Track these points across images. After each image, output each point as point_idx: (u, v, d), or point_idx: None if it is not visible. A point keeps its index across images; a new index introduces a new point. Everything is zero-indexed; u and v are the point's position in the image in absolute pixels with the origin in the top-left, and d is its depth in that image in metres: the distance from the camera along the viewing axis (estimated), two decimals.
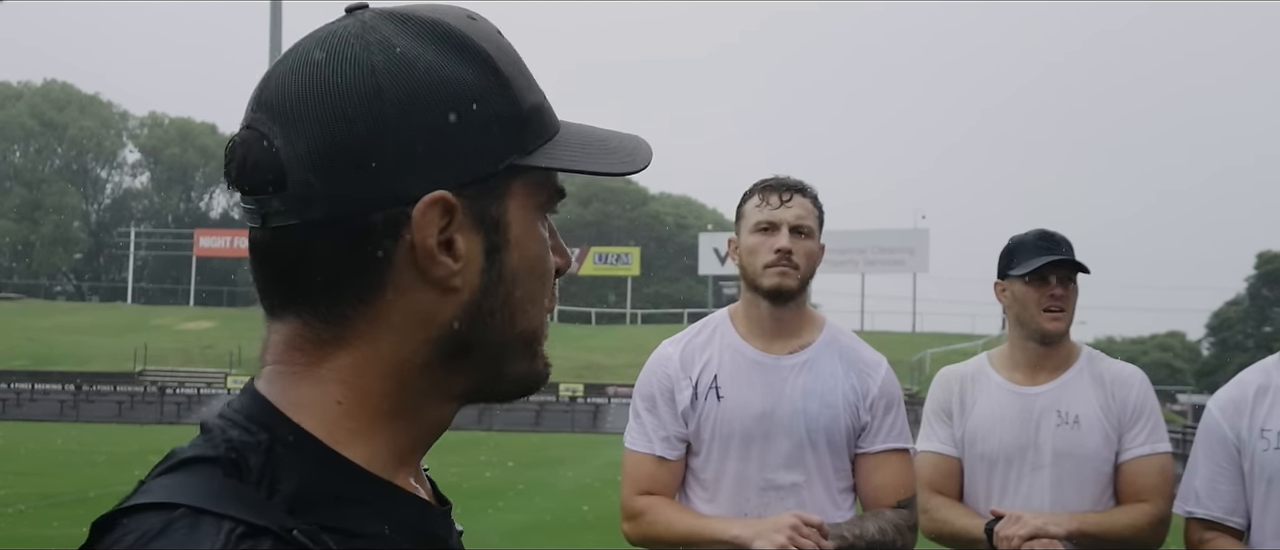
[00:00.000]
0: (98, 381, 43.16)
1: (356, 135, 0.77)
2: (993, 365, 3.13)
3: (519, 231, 0.83)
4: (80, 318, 59.82)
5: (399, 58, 0.79)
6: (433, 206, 0.78)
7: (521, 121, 0.82)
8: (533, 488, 17.37)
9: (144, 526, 0.72)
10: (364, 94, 0.78)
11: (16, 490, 15.57)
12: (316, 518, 0.75)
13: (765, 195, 2.76)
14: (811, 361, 2.76)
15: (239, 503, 0.73)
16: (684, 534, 2.69)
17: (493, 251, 0.82)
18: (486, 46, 0.82)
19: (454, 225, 0.80)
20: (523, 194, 0.83)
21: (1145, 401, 3.02)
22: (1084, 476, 2.97)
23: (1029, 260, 2.98)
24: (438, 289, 0.80)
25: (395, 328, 0.81)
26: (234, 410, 0.81)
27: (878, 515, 2.71)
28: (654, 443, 2.78)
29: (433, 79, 0.79)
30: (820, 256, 2.79)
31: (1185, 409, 44.87)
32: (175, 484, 0.75)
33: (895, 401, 2.81)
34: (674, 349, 2.83)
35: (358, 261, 0.79)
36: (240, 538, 0.70)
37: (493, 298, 0.82)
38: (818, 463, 2.72)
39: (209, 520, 0.71)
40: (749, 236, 2.75)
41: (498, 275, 0.82)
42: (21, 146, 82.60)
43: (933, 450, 3.11)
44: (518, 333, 0.85)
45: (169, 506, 0.73)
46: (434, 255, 0.79)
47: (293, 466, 0.77)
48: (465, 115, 0.79)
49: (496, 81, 0.81)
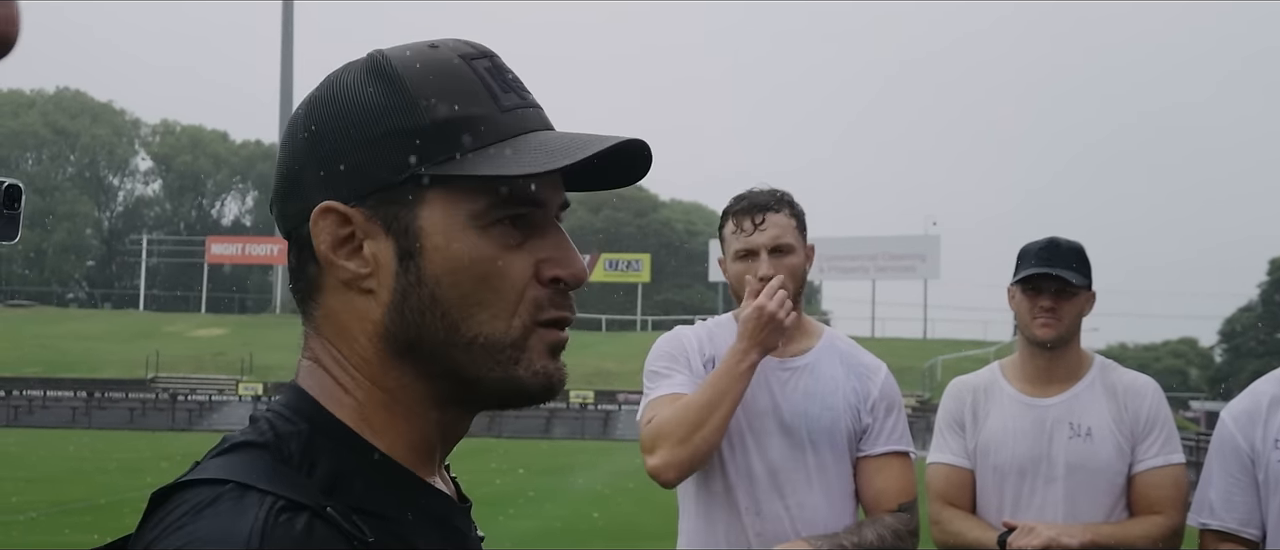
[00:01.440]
0: (110, 388, 43.23)
1: (288, 161, 0.92)
2: (1005, 376, 3.13)
3: (439, 237, 0.87)
4: (92, 325, 59.98)
5: (330, 89, 0.91)
6: (323, 216, 0.88)
7: (427, 135, 0.87)
8: (543, 495, 17.37)
9: (197, 498, 0.81)
10: (299, 124, 0.91)
11: (29, 497, 15.60)
12: (349, 500, 0.83)
13: (738, 221, 2.74)
14: (812, 365, 2.77)
15: (281, 482, 0.81)
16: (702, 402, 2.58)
17: (405, 256, 0.88)
18: (406, 70, 0.89)
19: (359, 232, 0.88)
20: (444, 202, 0.87)
21: (1158, 412, 3.02)
22: (1097, 488, 2.96)
23: (1024, 268, 3.00)
24: (355, 291, 0.90)
25: (343, 326, 0.91)
26: (280, 403, 0.90)
27: (877, 521, 2.71)
28: (676, 386, 2.72)
29: (343, 105, 0.89)
30: (809, 263, 2.78)
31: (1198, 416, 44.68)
32: (226, 463, 0.84)
33: (895, 405, 2.81)
34: (691, 333, 2.85)
35: (303, 271, 0.92)
36: (280, 511, 0.78)
37: (415, 299, 0.88)
38: (818, 463, 2.72)
39: (253, 495, 0.80)
40: (732, 263, 2.76)
41: (415, 279, 0.88)
42: (34, 154, 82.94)
43: (945, 462, 3.11)
44: (468, 337, 0.88)
45: (219, 482, 0.82)
46: (332, 260, 0.89)
47: (328, 452, 0.86)
48: (363, 133, 0.88)
49: (402, 100, 0.88)
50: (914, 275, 61.35)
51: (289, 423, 0.88)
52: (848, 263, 58.29)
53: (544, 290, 0.90)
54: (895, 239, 62.03)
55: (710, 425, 2.58)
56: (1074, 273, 2.97)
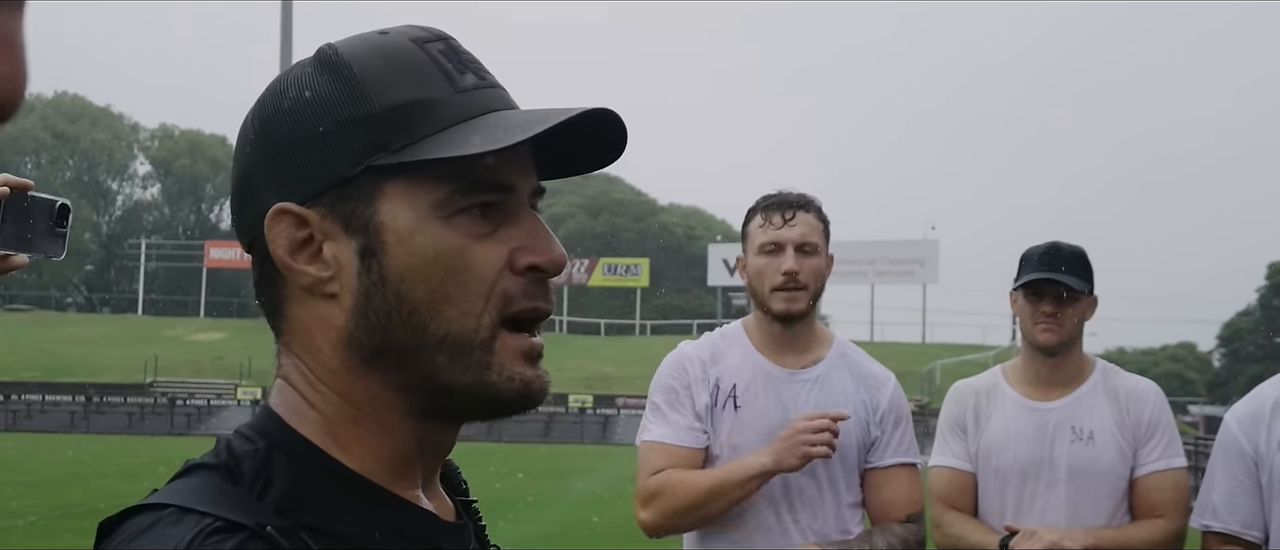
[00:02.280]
0: (108, 393, 43.24)
1: (240, 169, 0.87)
2: (1007, 379, 3.13)
3: (402, 231, 0.82)
4: (91, 329, 59.99)
5: (275, 88, 0.85)
6: (277, 219, 0.83)
7: (380, 123, 0.82)
8: (542, 499, 17.36)
9: (138, 525, 0.77)
10: (248, 127, 0.86)
11: (28, 501, 15.60)
12: (302, 518, 0.78)
13: (768, 215, 2.75)
14: (823, 376, 2.77)
15: (224, 503, 0.77)
16: (709, 488, 2.63)
17: (367, 255, 0.82)
18: (354, 59, 0.84)
19: (317, 233, 0.83)
20: (404, 193, 0.82)
21: (1160, 416, 3.02)
22: (1099, 492, 2.96)
23: (1026, 273, 3.00)
24: (318, 297, 0.84)
25: (309, 336, 0.85)
26: (246, 424, 0.86)
27: (886, 530, 2.71)
28: (676, 431, 2.73)
29: (291, 101, 0.84)
30: (829, 269, 2.79)
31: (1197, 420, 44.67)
32: (174, 488, 0.81)
33: (904, 416, 2.81)
34: (695, 351, 2.82)
35: (267, 282, 0.87)
36: (211, 532, 0.74)
37: (379, 300, 0.82)
38: (828, 477, 2.72)
39: (191, 518, 0.75)
40: (755, 258, 2.75)
41: (380, 277, 0.82)
42: (33, 158, 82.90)
43: (947, 465, 3.11)
44: (437, 337, 0.82)
45: (161, 507, 0.78)
46: (291, 266, 0.83)
47: (286, 471, 0.80)
48: (313, 128, 0.82)
49: (351, 90, 0.82)
50: (913, 279, 61.46)
51: (247, 442, 0.83)
52: (847, 267, 58.23)
53: (518, 280, 0.84)
54: (894, 243, 62.14)
55: (707, 511, 2.65)
56: (1076, 278, 2.97)
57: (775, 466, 2.57)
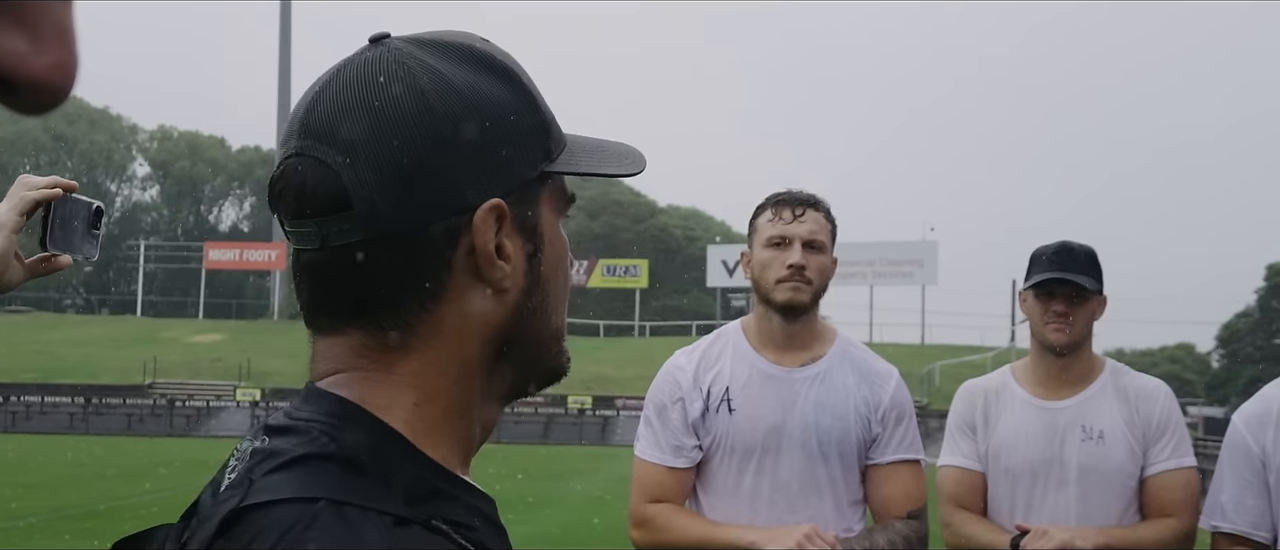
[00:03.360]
0: (107, 394, 43.17)
1: (414, 153, 0.82)
2: (1016, 379, 3.12)
3: (550, 234, 0.89)
4: (90, 331, 59.92)
5: (443, 79, 0.84)
6: (490, 213, 0.84)
7: (547, 131, 0.88)
8: (542, 500, 17.36)
9: (287, 519, 0.74)
10: (418, 114, 0.82)
11: (27, 503, 15.59)
12: (427, 511, 0.78)
13: (778, 210, 2.75)
14: (823, 374, 2.76)
15: (371, 496, 0.76)
16: (694, 540, 2.69)
17: (533, 254, 0.88)
18: (511, 65, 0.88)
19: (504, 231, 0.85)
20: (550, 199, 0.89)
21: (1170, 416, 3.02)
22: (1109, 491, 2.96)
23: (1037, 273, 2.99)
24: (491, 291, 0.86)
25: (456, 331, 0.85)
26: (323, 413, 0.83)
27: (888, 528, 2.71)
28: (664, 451, 2.78)
29: (475, 96, 0.84)
30: (833, 270, 2.80)
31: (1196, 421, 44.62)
32: (299, 480, 0.77)
33: (906, 413, 2.81)
34: (686, 360, 2.83)
35: (420, 271, 0.84)
36: (395, 523, 0.74)
37: (533, 297, 0.88)
38: (829, 475, 2.72)
39: (353, 511, 0.74)
40: (762, 251, 2.75)
41: (536, 276, 0.88)
42: (32, 160, 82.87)
43: (957, 465, 3.10)
44: (552, 330, 0.92)
45: (310, 500, 0.75)
46: (493, 260, 0.84)
47: (398, 463, 0.81)
48: (506, 128, 0.85)
49: (525, 96, 0.87)
50: (912, 281, 61.41)
51: (349, 432, 0.82)
52: (846, 268, 57.52)
53: None
54: (893, 244, 62.07)
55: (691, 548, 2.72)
56: (1087, 277, 2.97)
57: (764, 545, 2.59)
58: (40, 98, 0.43)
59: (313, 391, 0.87)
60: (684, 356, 2.85)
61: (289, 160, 0.85)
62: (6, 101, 0.43)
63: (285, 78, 71.01)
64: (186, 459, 25.46)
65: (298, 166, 0.84)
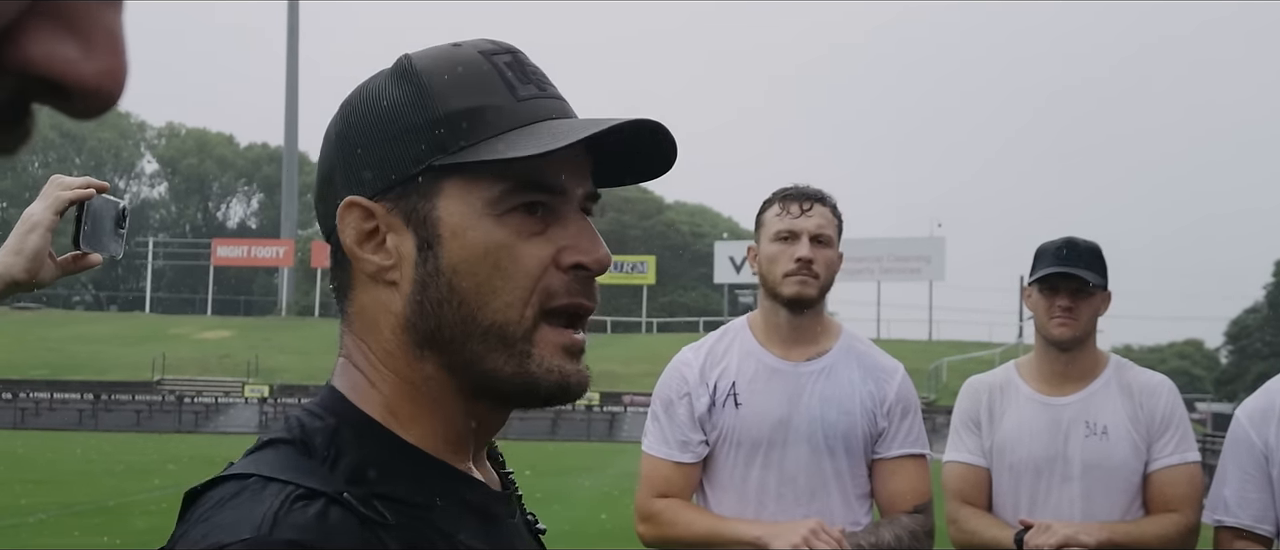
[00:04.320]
0: (116, 391, 43.27)
1: (322, 163, 0.96)
2: (1020, 375, 3.13)
3: (456, 226, 0.89)
4: (98, 327, 60.06)
5: (361, 93, 0.94)
6: (348, 210, 0.91)
7: (440, 126, 0.89)
8: (550, 496, 17.36)
9: (223, 493, 0.85)
10: (329, 129, 0.96)
11: (36, 499, 15.62)
12: (373, 488, 0.86)
13: (785, 204, 2.76)
14: (829, 368, 2.77)
15: (302, 473, 0.85)
16: (701, 535, 2.71)
17: (424, 247, 0.90)
18: (424, 68, 0.91)
19: (382, 225, 0.91)
20: (461, 192, 0.89)
21: (1174, 411, 3.02)
22: (1113, 487, 2.96)
23: (1042, 268, 3.00)
24: (380, 284, 0.92)
25: (371, 320, 0.93)
26: (313, 402, 0.93)
27: (893, 522, 2.72)
28: (671, 447, 2.79)
29: (368, 106, 0.93)
30: (839, 265, 2.80)
31: (1204, 417, 44.51)
32: (254, 460, 0.88)
33: (912, 407, 2.82)
34: (693, 355, 2.84)
35: (336, 268, 0.95)
36: (295, 499, 0.82)
37: (433, 289, 0.90)
38: (835, 469, 2.73)
39: (274, 486, 0.83)
40: (769, 245, 2.76)
41: (434, 268, 0.90)
42: (41, 157, 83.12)
43: (961, 460, 3.11)
44: (485, 326, 0.90)
45: (244, 476, 0.86)
46: (357, 253, 0.92)
47: (353, 444, 0.88)
48: (383, 130, 0.91)
49: (419, 96, 0.90)
50: (919, 277, 61.30)
51: (316, 418, 0.90)
52: (853, 264, 58.08)
53: (562, 277, 0.91)
54: (900, 241, 61.97)
55: (697, 543, 2.74)
56: (1091, 273, 2.97)
57: (769, 540, 2.60)
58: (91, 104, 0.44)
59: (326, 383, 0.96)
60: (691, 352, 2.86)
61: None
62: (59, 106, 0.44)
63: (293, 75, 71.09)
64: (195, 455, 25.51)
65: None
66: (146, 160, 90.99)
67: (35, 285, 1.74)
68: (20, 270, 1.71)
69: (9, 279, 1.70)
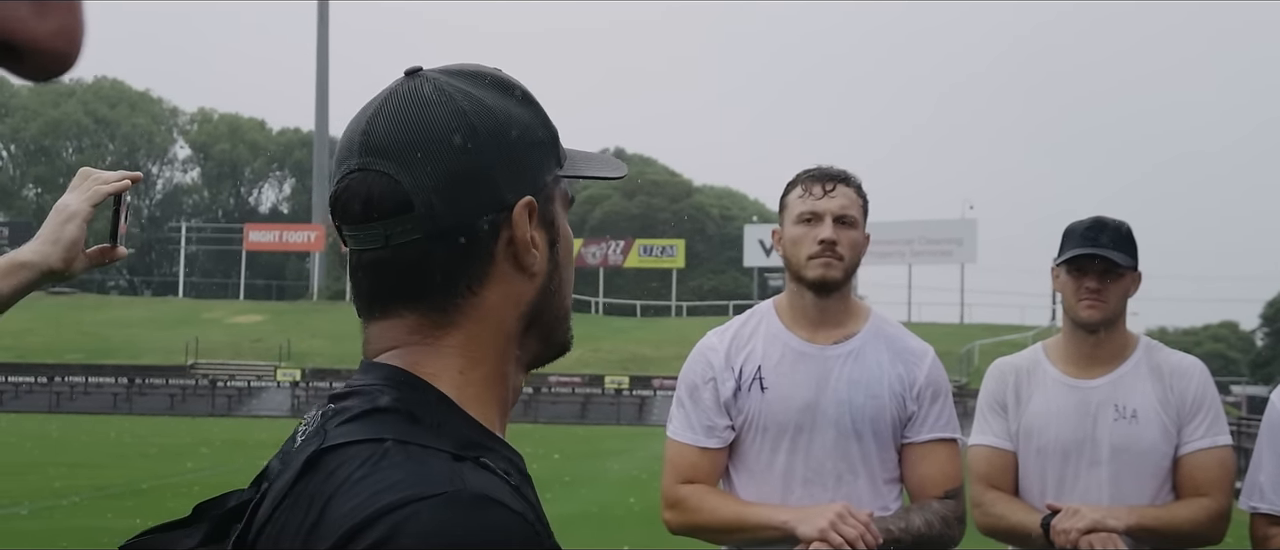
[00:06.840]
0: (150, 374, 43.72)
1: (464, 163, 1.00)
2: (1048, 357, 3.07)
3: (562, 227, 1.09)
4: (133, 312, 60.59)
5: (478, 101, 1.03)
6: (526, 208, 1.03)
7: (555, 143, 1.08)
8: (579, 480, 17.41)
9: (361, 454, 0.91)
10: (465, 131, 1.01)
11: (71, 482, 15.82)
12: (475, 454, 0.94)
13: (809, 186, 2.74)
14: (857, 351, 2.74)
15: (429, 440, 0.93)
16: (727, 521, 2.69)
17: (552, 243, 1.07)
18: (526, 90, 1.08)
19: (533, 224, 1.04)
20: (561, 198, 1.09)
21: (1205, 393, 2.96)
22: (1142, 471, 2.91)
23: (1069, 248, 2.95)
24: (526, 275, 1.04)
25: (497, 309, 1.03)
26: (385, 379, 1.00)
27: (924, 507, 2.69)
28: (696, 432, 2.77)
29: (505, 115, 1.03)
30: (865, 246, 2.77)
31: (1239, 400, 44.09)
32: (367, 427, 0.94)
33: (942, 391, 2.78)
34: (718, 339, 2.82)
35: (470, 260, 1.01)
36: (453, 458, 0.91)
37: (553, 279, 1.07)
38: (863, 453, 2.70)
39: (416, 449, 0.91)
40: (793, 227, 2.73)
41: (556, 261, 1.07)
42: (74, 143, 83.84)
43: (988, 444, 3.06)
44: (565, 308, 1.11)
45: (377, 440, 0.92)
46: (529, 247, 1.03)
47: (447, 417, 0.97)
48: (529, 139, 1.05)
49: (538, 115, 1.07)
50: (951, 259, 60.90)
51: (404, 392, 0.98)
52: (884, 247, 57.72)
53: None
54: (932, 223, 61.54)
55: (723, 540, 2.75)
56: (1120, 253, 2.90)
57: (796, 525, 2.56)
58: (44, 63, 0.42)
59: (370, 364, 1.03)
60: (716, 336, 2.83)
61: (352, 175, 1.01)
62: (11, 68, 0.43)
63: (323, 60, 71.31)
64: (228, 438, 25.72)
65: (363, 179, 1.00)
66: (179, 146, 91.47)
67: (68, 275, 1.78)
68: (57, 260, 1.75)
69: (46, 268, 1.74)
